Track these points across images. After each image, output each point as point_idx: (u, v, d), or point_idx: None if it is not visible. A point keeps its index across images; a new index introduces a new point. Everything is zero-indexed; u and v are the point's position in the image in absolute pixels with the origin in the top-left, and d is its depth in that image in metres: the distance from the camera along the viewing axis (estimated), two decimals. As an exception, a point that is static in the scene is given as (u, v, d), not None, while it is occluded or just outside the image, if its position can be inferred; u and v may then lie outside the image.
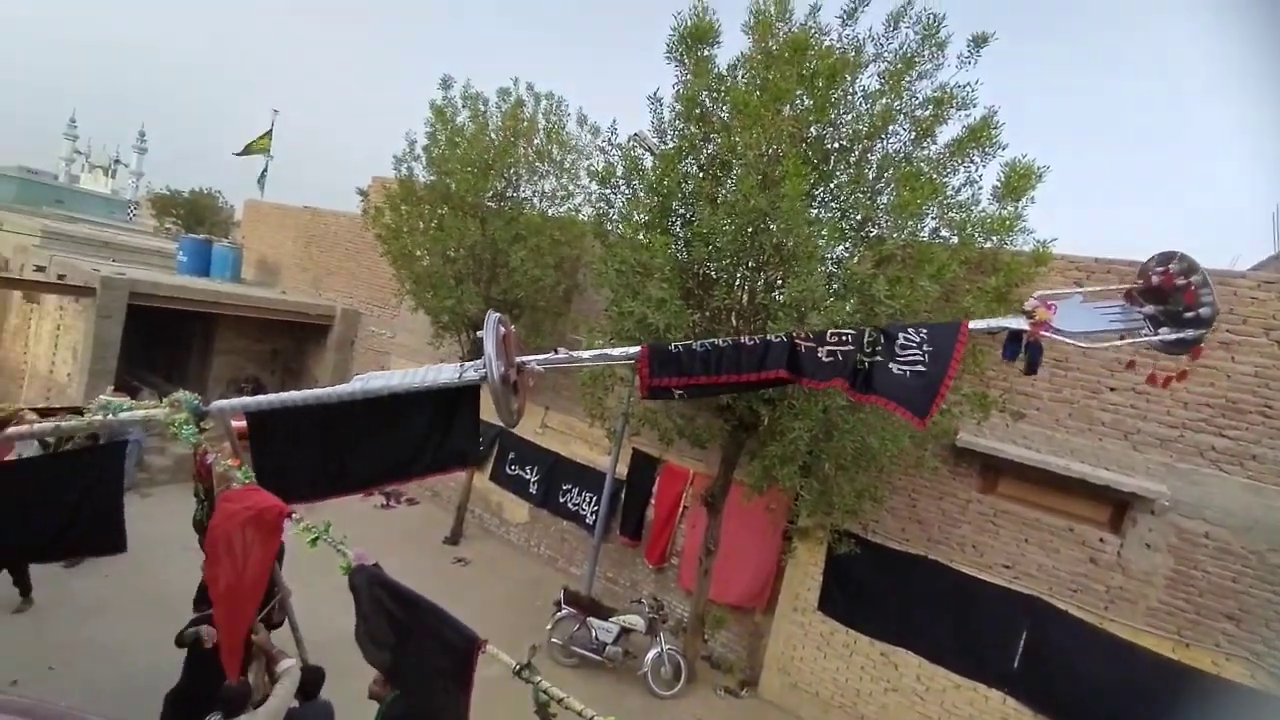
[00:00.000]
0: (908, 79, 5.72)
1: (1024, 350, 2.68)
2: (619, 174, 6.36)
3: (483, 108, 9.60)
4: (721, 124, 5.98)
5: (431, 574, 9.65)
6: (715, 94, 6.02)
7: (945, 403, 5.97)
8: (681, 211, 6.36)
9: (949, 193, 5.73)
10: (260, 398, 3.70)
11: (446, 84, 9.47)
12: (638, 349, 2.99)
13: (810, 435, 5.18)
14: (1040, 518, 6.63)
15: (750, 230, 5.50)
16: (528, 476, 11.06)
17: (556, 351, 3.45)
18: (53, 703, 5.75)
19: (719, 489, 7.21)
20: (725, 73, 6.06)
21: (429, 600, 2.33)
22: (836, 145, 5.87)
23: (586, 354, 3.73)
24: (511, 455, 11.27)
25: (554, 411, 10.91)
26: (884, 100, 5.72)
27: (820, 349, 2.71)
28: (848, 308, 5.06)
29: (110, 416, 3.65)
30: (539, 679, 2.06)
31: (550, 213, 9.91)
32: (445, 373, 3.48)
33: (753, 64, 5.90)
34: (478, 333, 3.02)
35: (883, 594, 7.41)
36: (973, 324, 2.56)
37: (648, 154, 6.92)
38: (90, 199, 31.65)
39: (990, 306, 5.43)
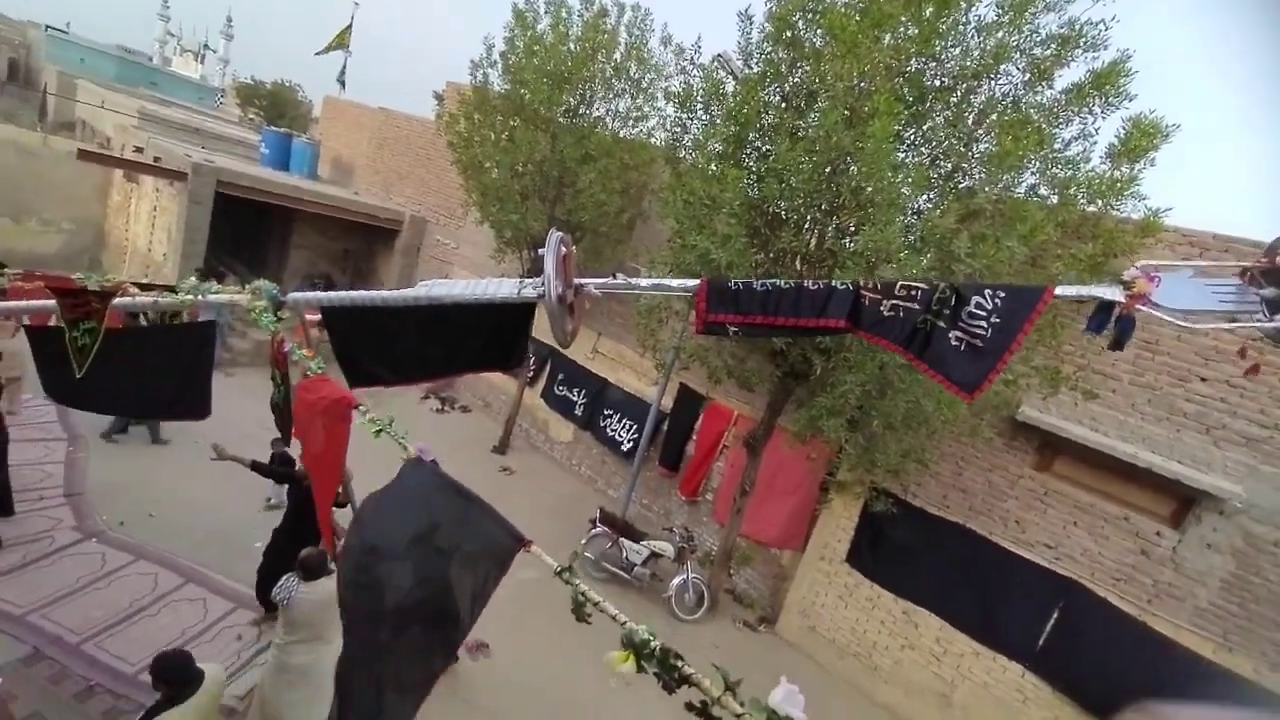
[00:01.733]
0: (1031, 11, 5.08)
1: (1113, 323, 2.40)
2: (698, 97, 6.02)
3: (564, 15, 9.19)
4: (812, 50, 5.53)
5: (478, 478, 10.24)
6: (810, 15, 5.54)
7: (1010, 373, 5.71)
8: (758, 144, 6.03)
9: (1056, 146, 5.19)
10: (332, 294, 3.87)
11: (530, -14, 9.07)
12: (696, 282, 2.88)
13: (862, 390, 5.03)
14: (1095, 503, 6.38)
15: (828, 170, 5.19)
16: (574, 398, 11.37)
17: (615, 276, 3.42)
18: (153, 545, 6.65)
19: (761, 433, 7.23)
20: (824, -9, 5.55)
21: (479, 497, 2.46)
22: (937, 83, 5.35)
23: (644, 282, 3.67)
24: (561, 376, 11.56)
25: (606, 338, 11.03)
26: (1000, 34, 5.12)
27: (885, 302, 2.51)
28: (924, 262, 4.76)
29: (199, 297, 3.92)
30: (578, 582, 2.16)
31: (622, 134, 9.62)
32: (505, 287, 3.53)
33: (855, -17, 5.35)
34: (539, 251, 3.00)
35: (913, 555, 7.42)
36: (1059, 290, 2.24)
37: (730, 77, 6.53)
38: (182, 83, 32.68)
39: (1081, 276, 5.00)
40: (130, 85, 25.28)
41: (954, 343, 2.39)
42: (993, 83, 5.25)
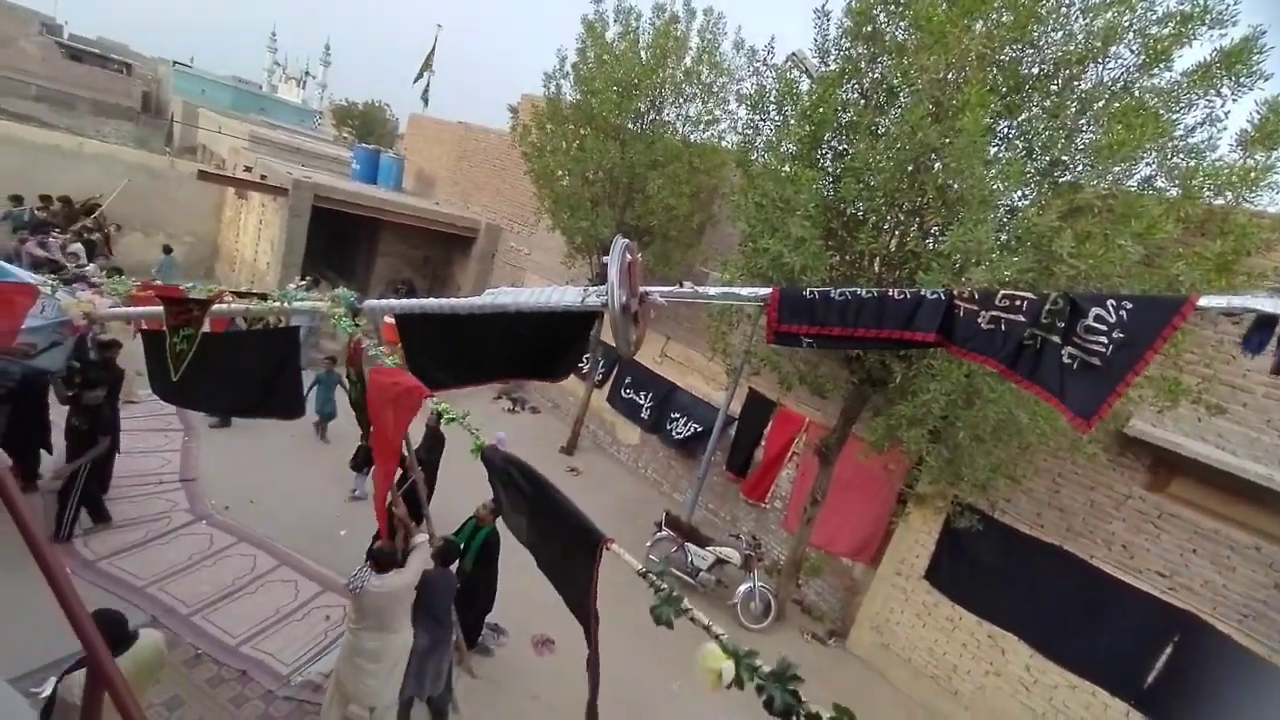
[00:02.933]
0: (1146, -14, 4.63)
1: (1277, 343, 1.92)
2: (771, 98, 5.88)
3: (634, 23, 9.27)
4: (894, 44, 5.28)
5: (547, 477, 10.45)
6: (893, 7, 5.29)
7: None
8: (834, 143, 5.82)
9: (1177, 134, 4.68)
10: (404, 301, 4.05)
11: (600, -4, 9.22)
12: (768, 291, 2.74)
13: (947, 399, 4.72)
14: (1219, 529, 5.71)
15: (911, 168, 4.92)
16: (641, 402, 11.38)
17: (682, 285, 3.36)
18: (253, 529, 7.19)
19: (834, 441, 6.96)
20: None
21: (560, 491, 2.48)
22: (1034, 70, 4.97)
23: (712, 291, 3.60)
24: (628, 379, 11.61)
25: (674, 342, 10.99)
26: (1109, 14, 4.69)
27: (983, 313, 2.23)
28: (1018, 262, 4.40)
29: (287, 304, 4.21)
30: (665, 586, 2.10)
31: (692, 138, 9.58)
32: (569, 295, 3.56)
33: (943, -30, 5.05)
34: (607, 257, 2.98)
35: (1001, 576, 6.91)
36: (1204, 301, 1.86)
37: (805, 76, 6.35)
38: (285, 107, 35.57)
39: (1208, 277, 4.47)
40: (243, 111, 27.70)
41: (1066, 360, 2.08)
42: (1100, 67, 4.81)
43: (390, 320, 3.90)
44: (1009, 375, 2.25)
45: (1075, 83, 4.92)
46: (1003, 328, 2.19)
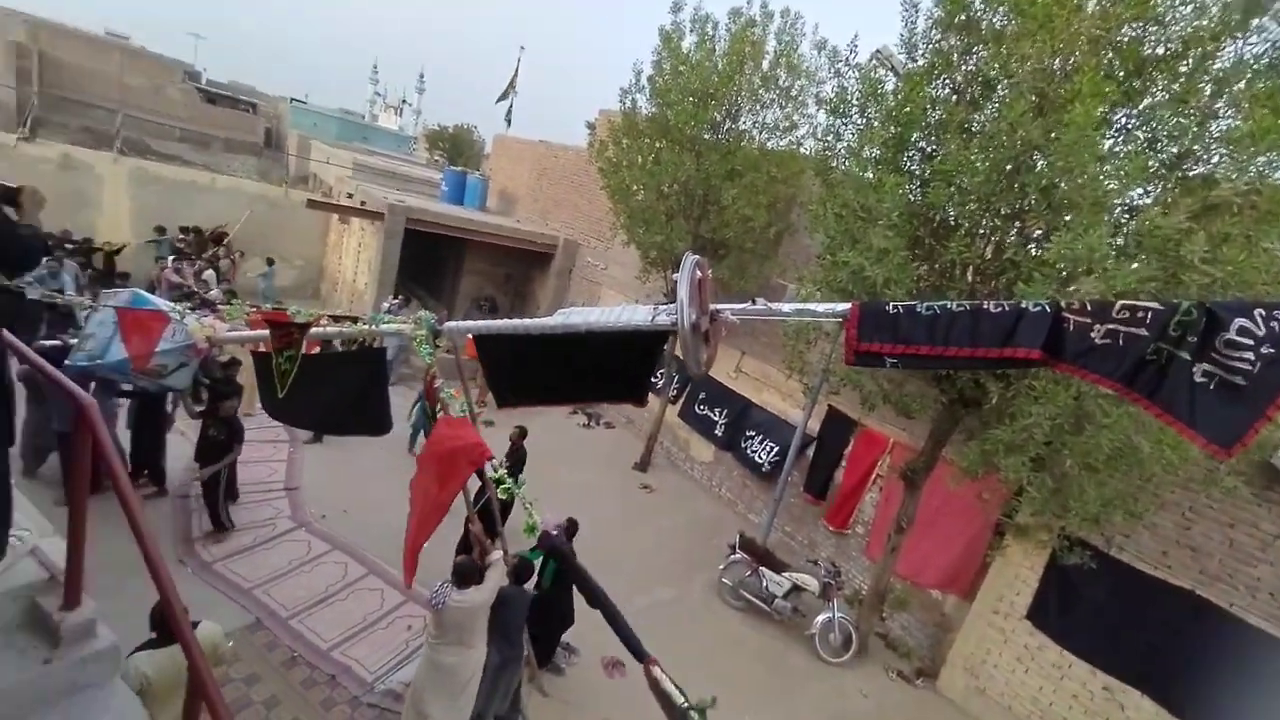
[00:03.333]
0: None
1: None
2: (853, 100, 5.56)
3: (710, 31, 9.16)
4: (991, 32, 4.85)
5: (619, 494, 10.45)
6: (989, -6, 4.87)
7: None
8: (922, 144, 5.42)
9: (1342, 117, 3.96)
10: (480, 323, 4.12)
11: (677, 7, 9.17)
12: (846, 306, 2.52)
13: (1052, 424, 4.20)
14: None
15: (1009, 168, 4.48)
16: (715, 418, 11.15)
17: (754, 302, 3.19)
18: (345, 538, 7.63)
19: (922, 465, 6.44)
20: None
21: (611, 601, 2.31)
22: (1160, 51, 4.38)
23: (786, 307, 3.39)
24: (701, 395, 11.42)
25: (750, 357, 10.70)
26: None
27: (1097, 326, 1.96)
28: (1138, 270, 3.85)
29: (375, 327, 4.42)
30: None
31: (770, 146, 9.33)
32: (639, 314, 3.48)
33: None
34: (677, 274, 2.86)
35: (1120, 621, 6.12)
36: None
37: (891, 74, 5.98)
38: (384, 134, 38.33)
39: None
40: (348, 140, 30.07)
41: (1200, 379, 1.81)
42: (1240, 42, 4.17)
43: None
44: (1127, 395, 1.99)
45: (1209, 62, 4.29)
46: (1120, 342, 1.92)
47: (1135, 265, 3.94)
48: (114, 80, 25.69)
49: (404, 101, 45.58)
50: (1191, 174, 4.30)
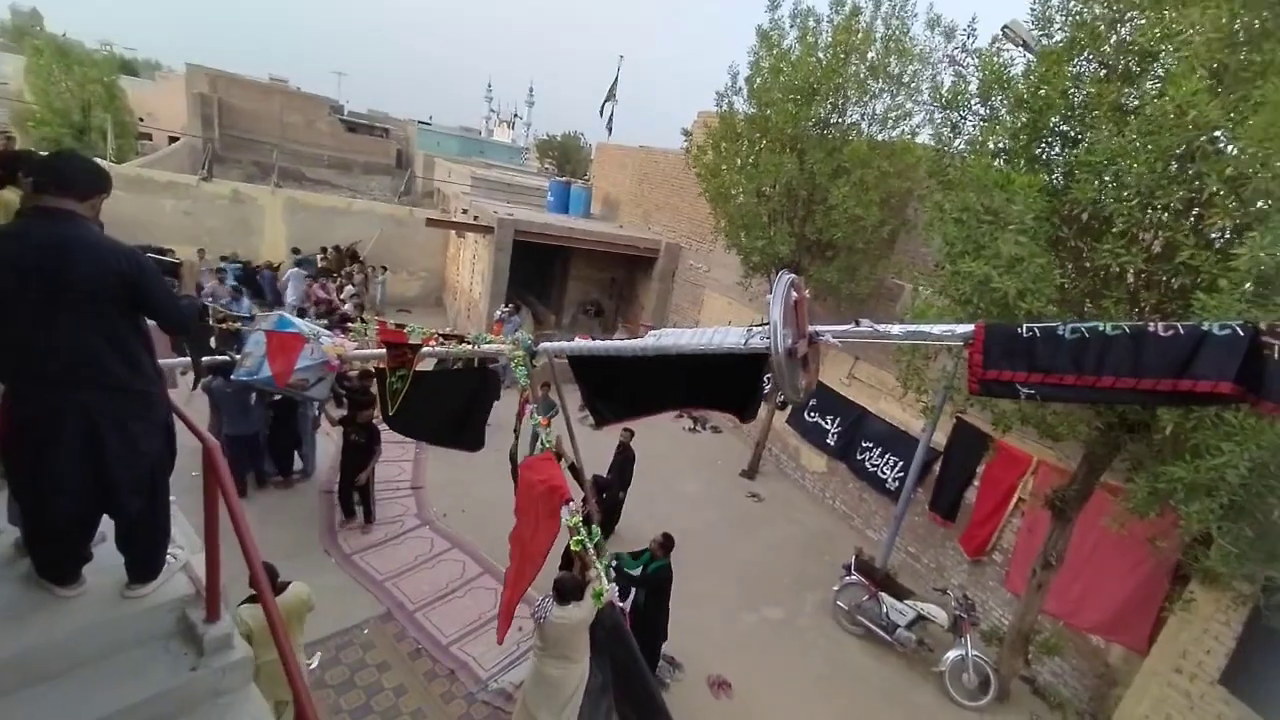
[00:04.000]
0: None
1: None
2: (972, 90, 4.91)
3: (813, 24, 8.64)
4: (1152, -5, 4.06)
5: (726, 503, 10.21)
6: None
7: None
8: (1063, 129, 4.68)
9: None
10: (573, 344, 4.12)
11: (774, 4, 8.75)
12: (969, 328, 2.17)
13: (1252, 465, 3.38)
14: None
15: (1180, 154, 3.72)
16: (827, 426, 10.56)
17: (858, 323, 2.87)
18: (464, 537, 8.09)
19: (1074, 494, 5.59)
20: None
21: (657, 687, 2.13)
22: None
23: (896, 329, 3.03)
24: (812, 402, 10.84)
25: (864, 362, 10.00)
26: None
27: None
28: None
29: (477, 346, 4.61)
30: None
31: (881, 138, 8.62)
32: (732, 336, 3.32)
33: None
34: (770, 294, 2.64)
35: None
36: None
37: (1022, 50, 5.25)
38: (499, 148, 40.64)
39: None
40: (467, 156, 32.23)
41: None
42: None
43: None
44: None
45: None
46: None
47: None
48: (276, 119, 29.36)
49: (515, 115, 48.06)
50: None
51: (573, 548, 2.66)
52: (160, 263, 10.70)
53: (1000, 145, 4.77)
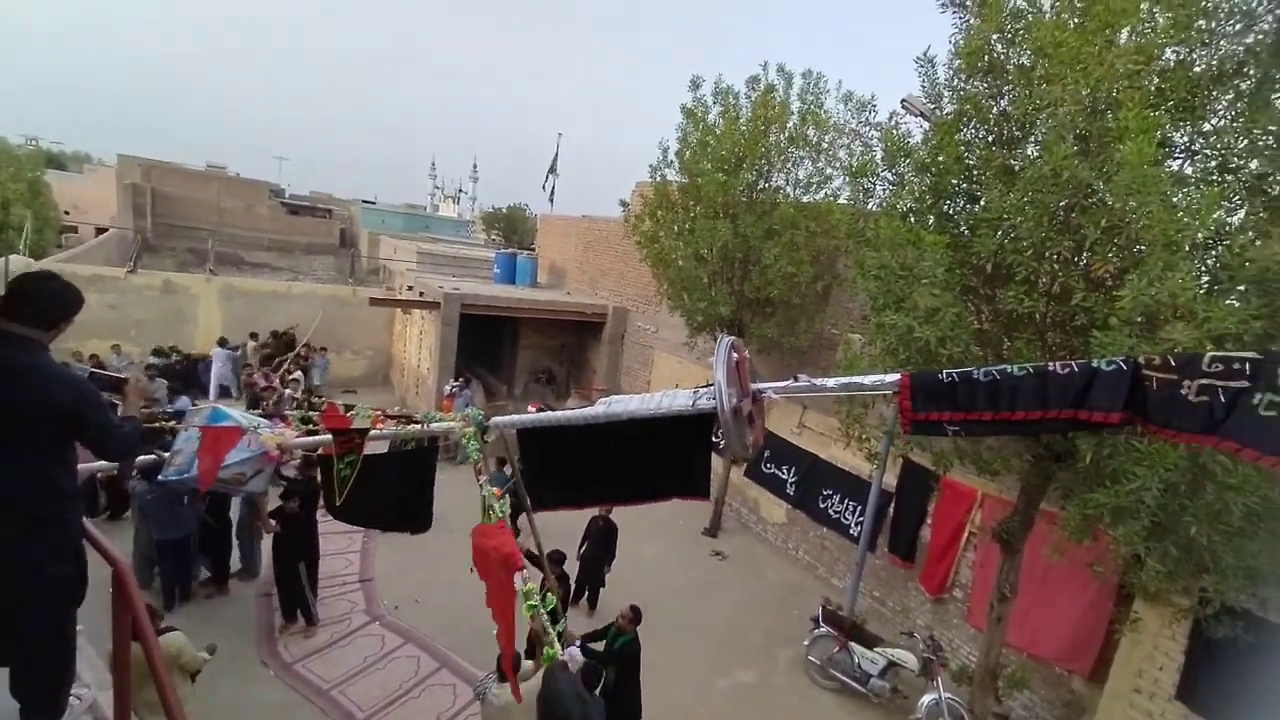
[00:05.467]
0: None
1: None
2: (878, 159, 5.41)
3: (732, 101, 9.36)
4: (1020, 72, 4.65)
5: (689, 565, 10.04)
6: (1010, 36, 4.70)
7: None
8: (964, 188, 5.17)
9: None
10: (525, 416, 4.11)
11: (695, 84, 9.47)
12: (895, 378, 2.36)
13: (1164, 486, 3.65)
14: None
15: (1063, 208, 4.16)
16: (784, 476, 10.69)
17: (796, 379, 3.02)
18: (417, 630, 7.63)
19: (1017, 525, 5.81)
20: (1024, 4, 4.68)
21: None
22: (1212, 71, 4.05)
23: (831, 382, 3.19)
24: (767, 453, 11.00)
25: (812, 411, 10.28)
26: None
27: (1186, 383, 1.77)
28: (1238, 309, 3.40)
29: (427, 425, 4.53)
30: None
31: (805, 200, 9.25)
32: (679, 399, 3.40)
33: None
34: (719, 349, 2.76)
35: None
36: None
37: (920, 119, 5.82)
38: (444, 222, 41.09)
39: None
40: (412, 232, 32.37)
41: None
42: (1313, 49, 3.78)
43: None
44: (1247, 456, 1.75)
45: (1276, 73, 3.90)
46: (1222, 398, 1.70)
47: (1232, 302, 3.49)
48: (213, 205, 28.97)
49: (460, 190, 48.96)
50: (1276, 193, 3.83)
51: (525, 614, 2.60)
52: (101, 379, 10.17)
53: (908, 206, 5.22)
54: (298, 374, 14.07)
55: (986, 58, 4.87)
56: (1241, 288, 3.60)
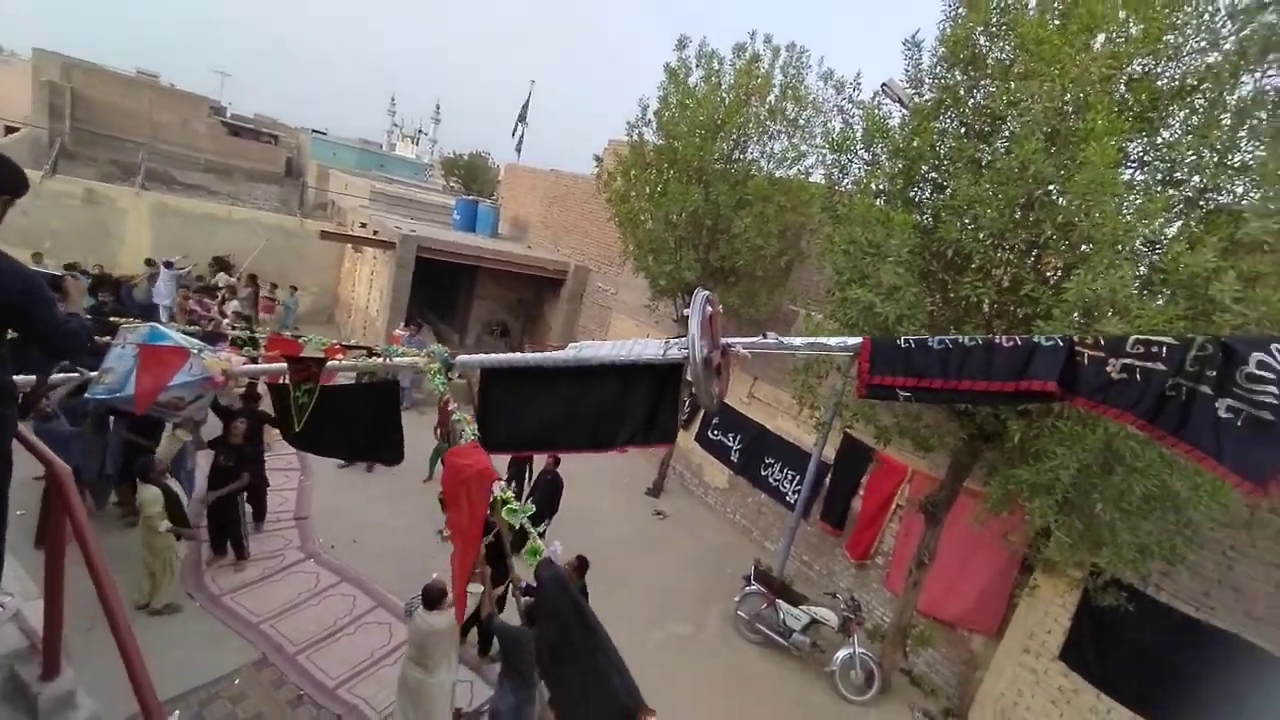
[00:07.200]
0: (1318, -22, 3.92)
1: None
2: (857, 136, 5.55)
3: (716, 66, 9.27)
4: (999, 68, 4.82)
5: (632, 521, 10.31)
6: (996, 29, 4.86)
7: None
8: (933, 176, 5.38)
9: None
10: (491, 356, 4.07)
11: (682, 44, 9.31)
12: (857, 341, 2.50)
13: (1080, 467, 4.04)
14: None
15: (1023, 202, 4.41)
16: (730, 444, 11.02)
17: (766, 336, 3.14)
18: (354, 569, 7.55)
19: (942, 498, 6.27)
20: (1012, 0, 4.84)
21: (606, 634, 2.20)
22: (1174, 85, 4.33)
23: (798, 341, 3.32)
24: (715, 420, 11.29)
25: (763, 382, 10.59)
26: (1267, 16, 4.02)
27: (1112, 360, 1.96)
28: (1166, 309, 3.74)
29: (388, 360, 4.45)
30: None
31: (779, 175, 9.34)
32: (650, 348, 3.45)
33: (1054, -17, 4.58)
34: (689, 309, 2.82)
35: (1163, 665, 5.84)
36: None
37: (898, 105, 5.97)
38: (401, 163, 39.12)
39: None
40: (366, 169, 30.71)
41: (1225, 415, 1.78)
42: (1259, 75, 4.10)
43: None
44: (1150, 432, 1.96)
45: (1228, 95, 4.22)
46: (1139, 378, 1.89)
47: (1161, 303, 3.82)
48: (144, 116, 26.54)
49: (420, 131, 46.59)
50: (1216, 208, 4.19)
51: (505, 518, 2.67)
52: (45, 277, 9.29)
53: (881, 187, 5.40)
54: (235, 303, 13.33)
55: (969, 49, 5.03)
56: (1170, 291, 3.95)
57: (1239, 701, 5.40)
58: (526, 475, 9.27)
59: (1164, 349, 1.85)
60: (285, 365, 4.18)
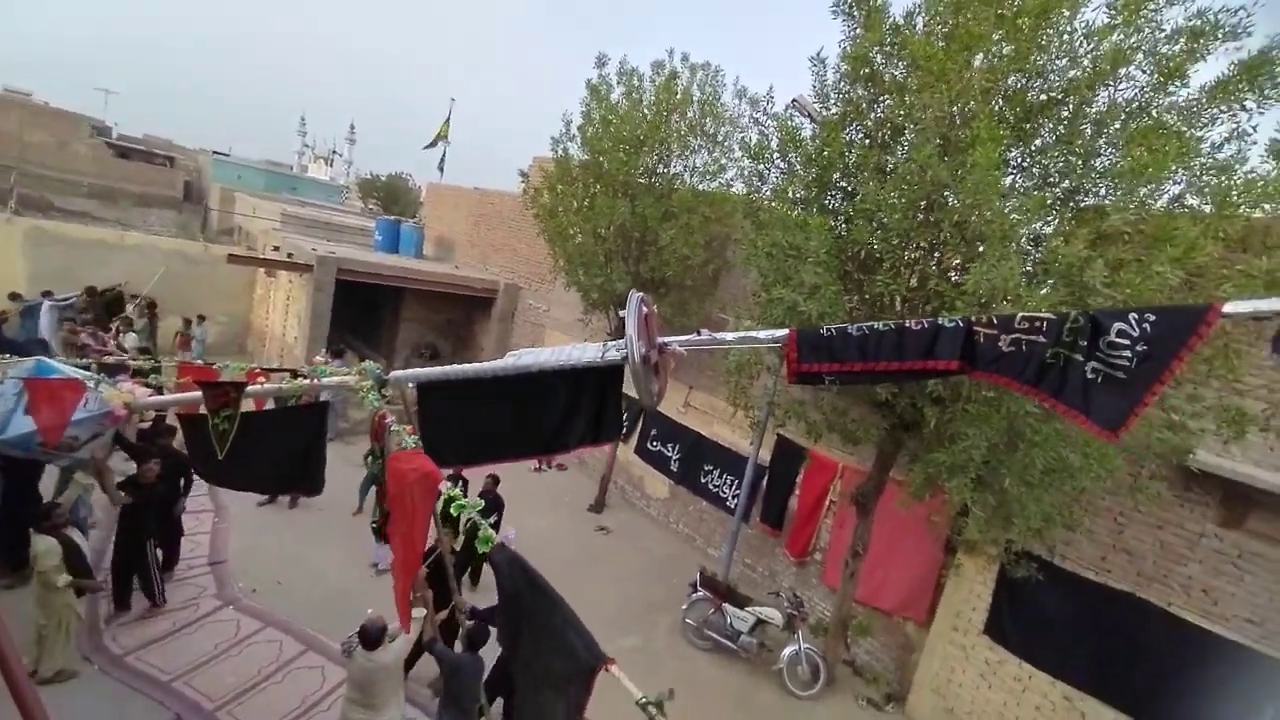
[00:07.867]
0: (1150, 7, 4.53)
1: None
2: (773, 146, 5.87)
3: (637, 83, 9.53)
4: (894, 84, 5.25)
5: (575, 539, 10.18)
6: (889, 49, 5.29)
7: (1178, 414, 4.84)
8: (843, 184, 5.75)
9: (1204, 150, 4.49)
10: (428, 370, 3.96)
11: (601, 62, 9.53)
12: (785, 332, 2.70)
13: (988, 445, 4.41)
14: (1310, 568, 5.18)
15: (924, 204, 4.79)
16: (669, 454, 11.14)
17: (700, 333, 3.26)
18: (279, 612, 7.03)
19: (871, 489, 6.61)
20: (902, 22, 5.29)
21: (565, 602, 2.27)
22: (1043, 98, 4.86)
23: (730, 336, 3.49)
24: (654, 431, 11.40)
25: (698, 391, 10.80)
26: (1115, 37, 4.60)
27: (1003, 337, 2.21)
28: (1048, 296, 4.17)
29: (317, 380, 4.21)
30: None
31: (701, 188, 9.67)
32: (589, 352, 3.48)
33: (937, 8, 5.06)
34: (624, 311, 2.89)
35: (1071, 629, 6.35)
36: (1229, 307, 1.88)
37: (807, 120, 6.35)
38: (315, 185, 37.34)
39: (1259, 296, 4.19)
40: (275, 192, 29.15)
41: (1090, 375, 2.05)
42: (1112, 89, 4.68)
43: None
44: (1034, 395, 2.23)
45: (1087, 107, 4.79)
46: (1024, 349, 2.15)
47: (1045, 291, 4.25)
48: (12, 136, 24.21)
49: (334, 152, 44.77)
50: (1084, 206, 4.73)
51: (453, 513, 2.66)
52: None
53: (798, 194, 5.72)
54: (130, 335, 12.25)
55: (869, 67, 5.45)
56: (1052, 280, 4.40)
57: (1139, 656, 5.94)
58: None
59: (1044, 324, 2.11)
60: (199, 393, 3.92)
